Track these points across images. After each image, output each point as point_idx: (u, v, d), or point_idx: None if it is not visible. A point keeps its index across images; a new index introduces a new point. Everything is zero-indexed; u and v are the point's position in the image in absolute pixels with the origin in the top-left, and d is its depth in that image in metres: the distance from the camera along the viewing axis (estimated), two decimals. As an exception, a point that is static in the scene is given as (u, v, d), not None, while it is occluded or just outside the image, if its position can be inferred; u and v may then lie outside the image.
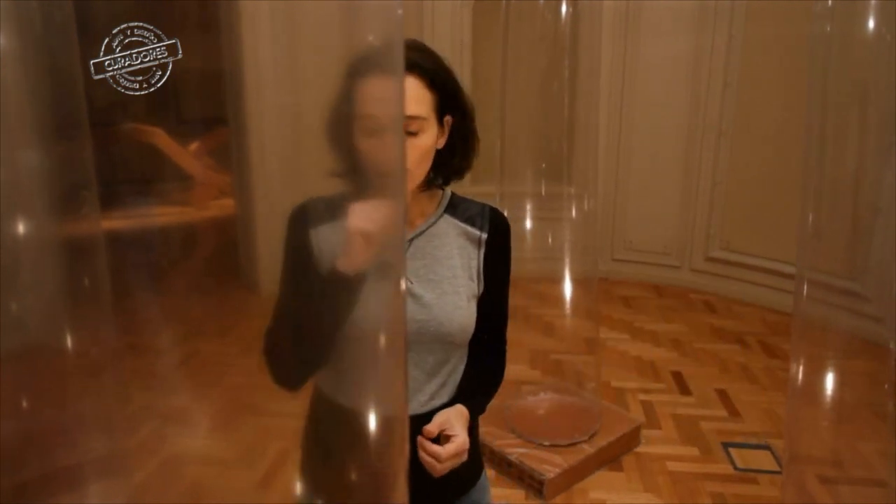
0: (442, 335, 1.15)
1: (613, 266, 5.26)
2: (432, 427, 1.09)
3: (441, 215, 1.20)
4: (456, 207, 1.22)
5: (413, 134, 1.06)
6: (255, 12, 0.93)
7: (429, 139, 1.08)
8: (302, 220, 1.06)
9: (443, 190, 1.23)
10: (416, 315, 1.13)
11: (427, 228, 1.18)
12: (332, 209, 1.01)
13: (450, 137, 1.13)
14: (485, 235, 1.20)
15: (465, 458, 1.10)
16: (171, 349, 0.96)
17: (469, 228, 1.20)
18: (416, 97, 1.06)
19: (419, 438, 1.08)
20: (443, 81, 1.09)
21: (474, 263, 1.20)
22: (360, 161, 0.89)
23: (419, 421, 1.13)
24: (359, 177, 0.89)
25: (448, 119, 1.12)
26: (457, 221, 1.20)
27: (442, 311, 1.14)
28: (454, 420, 1.12)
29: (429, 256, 1.17)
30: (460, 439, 1.09)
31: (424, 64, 1.07)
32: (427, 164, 1.11)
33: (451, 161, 1.15)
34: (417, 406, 1.16)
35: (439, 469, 1.08)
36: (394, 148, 0.83)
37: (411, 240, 1.17)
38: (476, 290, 1.20)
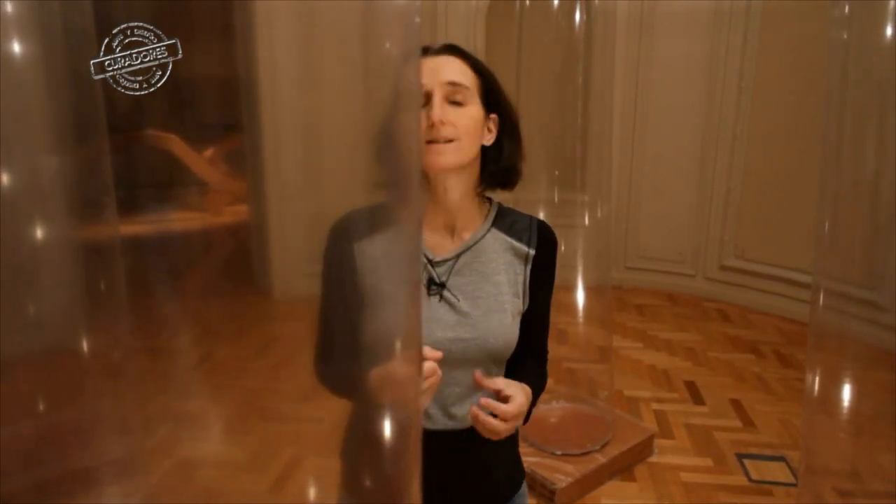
0: (486, 353, 1.13)
1: (627, 274, 5.24)
2: (491, 382, 1.06)
3: (489, 229, 1.18)
4: (503, 220, 1.19)
5: (459, 104, 1.07)
6: (272, 19, 0.93)
7: (475, 111, 1.09)
8: (344, 234, 1.05)
9: (490, 201, 1.21)
10: (462, 334, 1.11)
11: (474, 244, 1.16)
12: (373, 221, 1.01)
13: (497, 136, 1.14)
14: (532, 251, 1.18)
15: (520, 420, 1.08)
16: (186, 352, 0.96)
17: (516, 244, 1.18)
18: (460, 69, 1.09)
19: (482, 400, 1.05)
20: (485, 72, 1.13)
21: (520, 279, 1.17)
22: (404, 164, 0.89)
23: (460, 437, 1.12)
24: (400, 187, 0.89)
25: (494, 117, 1.13)
26: (504, 236, 1.18)
27: (487, 330, 1.12)
28: (514, 385, 1.08)
29: (475, 273, 1.14)
30: (519, 400, 1.06)
31: (465, 53, 1.12)
32: (476, 139, 1.10)
33: (499, 160, 1.15)
34: (458, 422, 1.14)
35: (502, 430, 1.05)
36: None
37: (459, 255, 1.15)
38: (521, 307, 1.18)
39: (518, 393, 1.07)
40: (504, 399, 1.06)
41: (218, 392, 1.02)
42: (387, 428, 0.85)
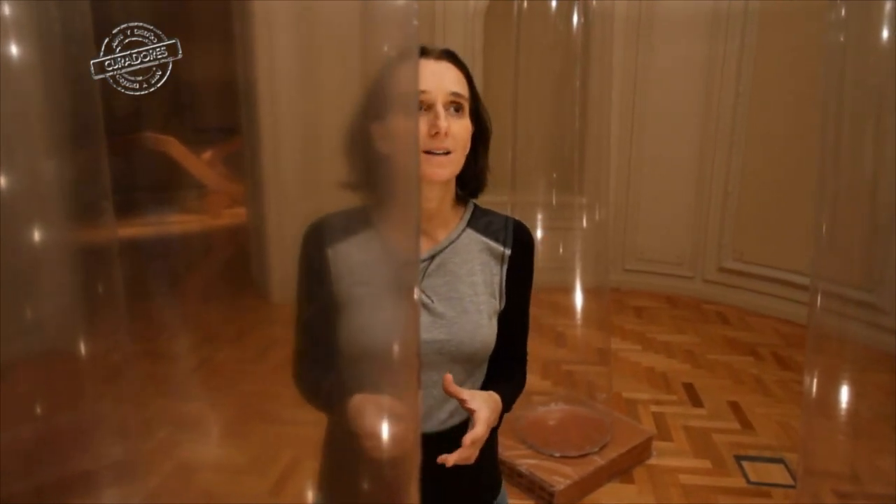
0: (463, 354, 1.12)
1: (625, 276, 5.24)
2: (456, 391, 1.02)
3: (464, 229, 1.17)
4: (479, 220, 1.18)
5: (458, 115, 1.07)
6: (270, 22, 0.93)
7: (468, 123, 1.09)
8: (317, 239, 1.05)
9: (466, 203, 1.20)
10: (437, 335, 1.10)
11: (449, 244, 1.15)
12: (348, 225, 1.01)
13: (473, 145, 1.13)
14: (508, 251, 1.17)
15: (474, 455, 1.03)
16: (185, 355, 0.96)
17: (492, 243, 1.17)
18: (459, 80, 1.09)
19: (440, 458, 1.01)
20: (473, 83, 1.12)
21: (496, 280, 1.17)
22: (379, 168, 0.89)
23: (437, 439, 1.11)
24: (375, 188, 0.89)
25: (471, 127, 1.13)
26: (479, 236, 1.17)
27: (463, 331, 1.11)
28: (479, 397, 1.05)
29: (450, 274, 1.14)
30: (479, 430, 1.01)
31: (462, 63, 1.11)
32: (466, 150, 1.10)
33: (474, 168, 1.15)
34: (436, 424, 1.14)
35: (472, 456, 1.02)
36: (442, 122, 1.00)
37: (433, 256, 1.14)
38: (497, 307, 1.17)
39: (482, 407, 1.04)
40: (468, 411, 1.04)
41: (217, 395, 1.02)
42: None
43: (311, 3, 0.86)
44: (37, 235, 0.86)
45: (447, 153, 1.05)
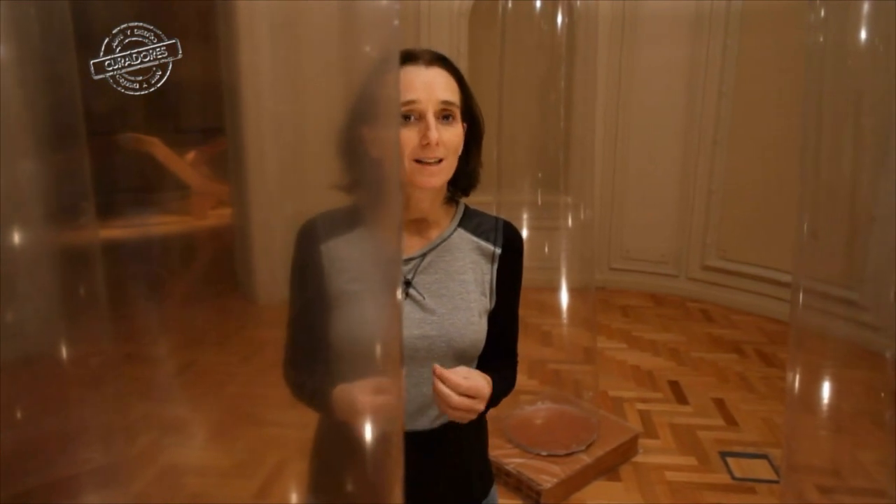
0: (453, 350, 1.13)
1: (611, 275, 5.27)
2: (451, 373, 1.04)
3: (455, 229, 1.18)
4: (470, 220, 1.20)
5: (449, 122, 1.07)
6: (253, 23, 0.93)
7: (460, 128, 1.10)
8: (312, 237, 1.05)
9: (457, 202, 1.22)
10: (428, 331, 1.12)
11: (441, 242, 1.16)
12: (340, 223, 1.01)
13: (465, 143, 1.14)
14: (498, 250, 1.19)
15: (481, 407, 1.06)
16: (169, 359, 0.95)
17: (483, 243, 1.19)
18: (450, 86, 1.09)
19: (437, 368, 1.03)
20: (465, 84, 1.13)
21: (487, 279, 1.18)
22: (370, 170, 0.89)
23: (429, 437, 1.12)
24: (366, 189, 0.89)
25: (464, 125, 1.13)
26: (470, 236, 1.19)
27: (453, 328, 1.12)
28: (475, 374, 1.08)
29: (441, 271, 1.15)
30: (481, 382, 1.05)
31: (452, 65, 1.12)
32: (458, 155, 1.11)
33: (465, 167, 1.15)
34: (427, 422, 1.14)
35: (455, 402, 1.02)
36: (433, 131, 0.99)
37: (425, 254, 1.15)
38: (488, 306, 1.19)
39: (479, 378, 1.06)
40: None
41: (203, 398, 1.02)
42: (358, 435, 0.84)
43: (293, 3, 0.86)
44: (17, 238, 0.85)
45: (439, 161, 1.05)
